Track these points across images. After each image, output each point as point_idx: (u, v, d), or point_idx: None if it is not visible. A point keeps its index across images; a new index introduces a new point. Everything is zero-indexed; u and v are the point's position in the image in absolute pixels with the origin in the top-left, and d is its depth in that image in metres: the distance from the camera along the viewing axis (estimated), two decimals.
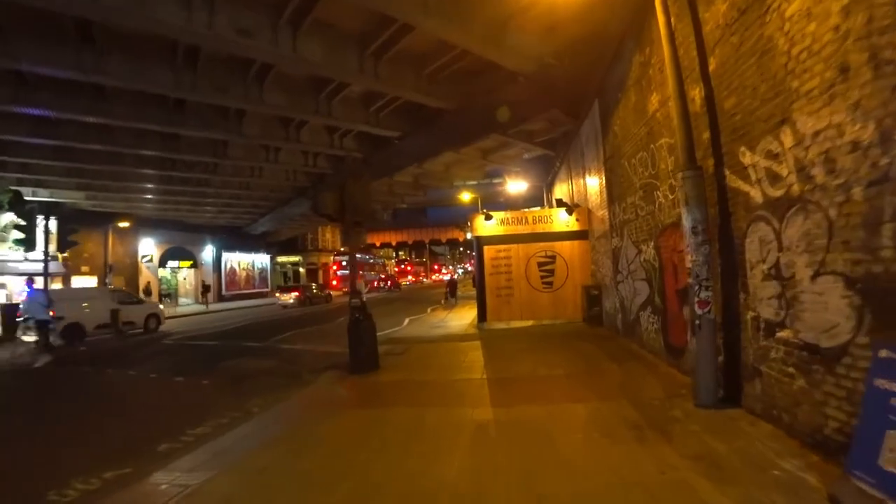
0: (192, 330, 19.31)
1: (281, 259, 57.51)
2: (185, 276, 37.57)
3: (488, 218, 13.23)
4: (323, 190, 8.69)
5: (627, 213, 8.88)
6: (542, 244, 12.87)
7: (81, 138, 16.53)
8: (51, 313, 15.64)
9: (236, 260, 41.96)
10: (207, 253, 38.67)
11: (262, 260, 45.81)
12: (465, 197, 49.33)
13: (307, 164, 20.25)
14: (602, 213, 11.20)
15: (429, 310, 20.21)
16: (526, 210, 14.26)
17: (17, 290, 26.45)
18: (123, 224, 29.98)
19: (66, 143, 16.97)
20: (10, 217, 26.43)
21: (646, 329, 8.11)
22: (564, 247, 12.84)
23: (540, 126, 17.96)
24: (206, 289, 34.65)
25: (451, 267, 60.72)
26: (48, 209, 28.30)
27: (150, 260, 33.21)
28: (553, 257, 12.81)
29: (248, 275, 43.51)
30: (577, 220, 12.85)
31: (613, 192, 9.93)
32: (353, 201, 8.51)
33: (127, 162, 19.38)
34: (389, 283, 54.57)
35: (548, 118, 16.65)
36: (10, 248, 26.05)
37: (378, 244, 71.73)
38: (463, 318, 16.77)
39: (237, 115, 15.25)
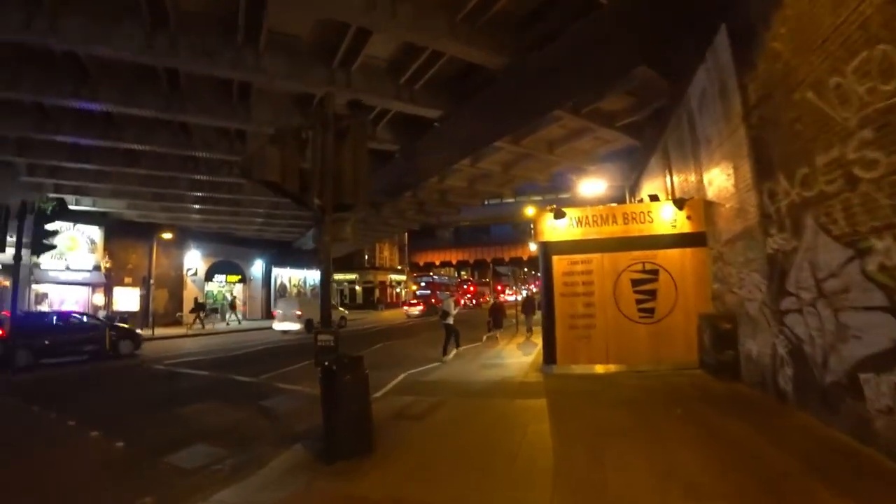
0: (221, 350, 16.69)
1: (337, 277, 55.82)
2: (235, 291, 36.01)
3: (559, 216, 9.33)
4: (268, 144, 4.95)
5: (818, 186, 4.82)
6: (638, 253, 8.78)
7: (84, 131, 14.57)
8: (298, 313, 23.78)
9: (287, 276, 40.18)
10: (257, 268, 37.00)
11: (314, 277, 43.87)
12: (529, 211, 45.88)
13: None
14: (736, 202, 7.12)
15: (484, 337, 16.39)
16: (614, 205, 10.30)
17: (58, 300, 25.61)
18: (166, 235, 28.66)
19: (70, 138, 15.17)
20: (54, 226, 25.81)
21: (888, 410, 3.99)
22: (671, 257, 8.69)
23: (622, 104, 13.98)
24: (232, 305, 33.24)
25: (514, 287, 55.80)
26: (93, 219, 27.73)
27: (195, 273, 31.73)
28: (654, 272, 8.70)
29: (299, 291, 41.58)
30: (690, 217, 8.70)
31: (772, 159, 5.86)
32: (327, 167, 5.09)
33: (143, 163, 17.38)
34: (475, 301, 57.74)
35: (633, 90, 12.73)
36: (53, 257, 25.36)
37: (438, 263, 68.85)
38: (524, 352, 12.94)
39: (241, 93, 12.45)
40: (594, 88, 11.51)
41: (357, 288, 55.96)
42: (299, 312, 23.81)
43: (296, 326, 23.38)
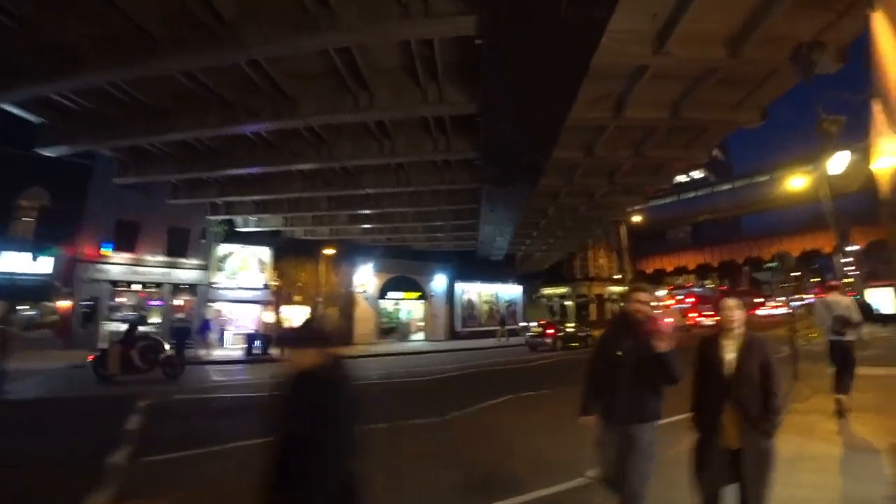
0: None
1: (546, 291, 49.07)
2: (413, 308, 32.62)
3: None
4: None
5: None
6: None
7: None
8: None
9: (475, 291, 35.08)
10: (438, 283, 32.88)
11: (510, 291, 37.94)
12: (797, 183, 32.29)
13: None
14: None
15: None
16: None
17: (233, 317, 25.42)
18: (328, 251, 26.49)
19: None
20: (226, 249, 25.94)
21: None
22: None
23: None
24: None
25: (781, 299, 39.39)
26: (261, 240, 27.23)
27: (364, 290, 28.98)
28: None
29: (491, 308, 36.07)
30: None
31: None
32: None
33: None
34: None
35: None
36: (227, 277, 25.31)
37: (670, 269, 55.99)
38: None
39: None
40: None
41: (568, 303, 48.03)
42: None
43: None
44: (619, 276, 48.88)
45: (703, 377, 3.16)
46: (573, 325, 27.01)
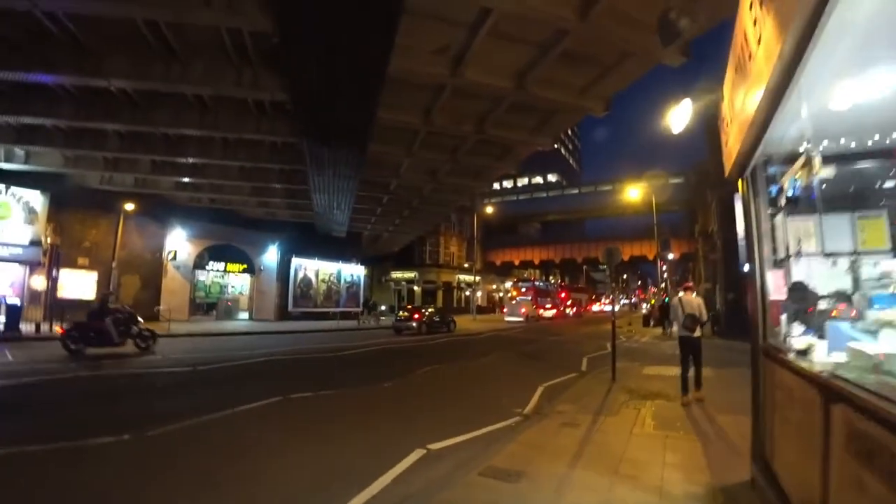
0: None
1: (395, 275, 47.68)
2: (238, 283, 28.95)
3: None
4: None
5: None
6: None
7: None
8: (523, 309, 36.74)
9: (313, 268, 32.22)
10: (270, 256, 29.51)
11: (353, 272, 35.70)
12: (633, 194, 34.77)
13: None
14: None
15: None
16: None
17: None
18: (129, 206, 21.83)
19: None
20: None
21: None
22: None
23: None
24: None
25: (612, 296, 42.73)
26: (35, 182, 21.58)
27: (174, 258, 24.59)
28: None
29: (329, 289, 33.51)
30: None
31: None
32: None
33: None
34: (576, 309, 52.72)
35: None
36: None
37: (517, 262, 58.29)
38: None
39: None
40: None
41: (416, 289, 47.19)
42: (524, 309, 35.72)
43: (519, 319, 34.63)
44: (467, 265, 49.37)
45: None
46: (433, 309, 26.81)
